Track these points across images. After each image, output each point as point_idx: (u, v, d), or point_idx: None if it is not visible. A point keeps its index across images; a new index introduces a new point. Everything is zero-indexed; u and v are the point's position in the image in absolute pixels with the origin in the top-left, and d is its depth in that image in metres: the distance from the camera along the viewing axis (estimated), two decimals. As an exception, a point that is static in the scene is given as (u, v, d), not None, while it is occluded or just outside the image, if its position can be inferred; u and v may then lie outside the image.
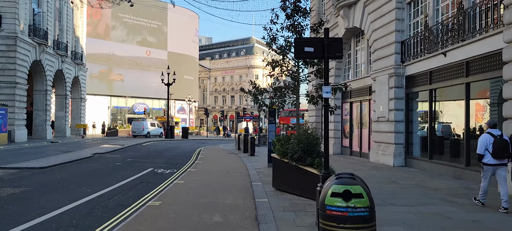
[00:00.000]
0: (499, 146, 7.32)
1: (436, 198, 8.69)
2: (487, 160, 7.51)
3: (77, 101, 40.91)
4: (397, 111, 15.16)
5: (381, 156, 15.77)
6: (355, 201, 3.68)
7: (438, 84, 13.00)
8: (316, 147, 8.83)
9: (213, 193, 9.28)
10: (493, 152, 7.39)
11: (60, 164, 14.61)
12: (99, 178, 11.64)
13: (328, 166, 6.24)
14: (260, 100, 11.62)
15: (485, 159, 7.54)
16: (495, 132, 7.56)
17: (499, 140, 7.36)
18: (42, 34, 30.52)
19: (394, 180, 11.44)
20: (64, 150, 21.31)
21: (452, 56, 11.92)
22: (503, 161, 7.45)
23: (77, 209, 7.50)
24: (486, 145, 7.49)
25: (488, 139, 7.49)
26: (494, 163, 7.46)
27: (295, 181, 8.86)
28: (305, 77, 11.33)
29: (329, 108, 6.58)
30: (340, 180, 3.88)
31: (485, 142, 7.51)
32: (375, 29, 16.51)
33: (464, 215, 7.07)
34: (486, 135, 7.59)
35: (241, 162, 16.78)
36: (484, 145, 7.53)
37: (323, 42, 6.15)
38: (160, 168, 14.19)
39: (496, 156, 7.38)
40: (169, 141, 35.58)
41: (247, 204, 8.13)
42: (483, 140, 7.57)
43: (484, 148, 7.52)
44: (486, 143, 7.51)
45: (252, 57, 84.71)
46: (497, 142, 7.34)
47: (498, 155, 7.36)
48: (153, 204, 7.79)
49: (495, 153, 7.38)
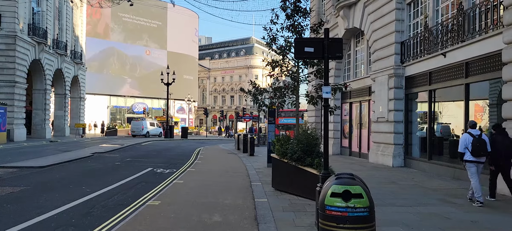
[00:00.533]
0: (477, 145, 7.84)
1: (435, 198, 8.69)
2: (467, 157, 8.02)
3: (77, 101, 40.89)
4: (397, 112, 15.17)
5: (381, 156, 15.78)
6: (354, 201, 3.69)
7: (438, 85, 13.01)
8: (315, 147, 8.84)
9: (213, 193, 9.28)
10: (472, 150, 7.89)
11: (59, 163, 14.59)
12: (98, 178, 11.63)
13: (328, 166, 6.25)
14: (260, 100, 11.63)
15: (465, 157, 8.04)
16: (474, 132, 8.04)
17: (477, 139, 7.89)
18: (41, 33, 30.50)
19: (393, 181, 11.45)
20: (63, 149, 21.29)
21: (451, 57, 11.94)
22: (481, 159, 7.96)
23: (76, 209, 7.49)
24: (466, 144, 7.99)
25: (468, 139, 7.99)
26: (474, 160, 7.95)
27: (294, 181, 8.86)
28: (305, 77, 11.33)
29: (329, 109, 6.58)
30: (340, 180, 3.88)
31: (465, 141, 8.03)
32: (375, 30, 16.52)
33: (462, 216, 7.08)
34: (466, 135, 8.10)
35: (240, 162, 16.78)
36: (464, 144, 8.03)
37: (323, 42, 6.15)
38: (159, 168, 14.19)
39: (475, 154, 7.89)
40: (169, 141, 35.57)
41: (247, 204, 8.13)
42: (463, 139, 8.08)
43: (464, 146, 8.02)
44: (466, 142, 8.01)
45: (252, 57, 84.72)
46: (475, 141, 7.87)
47: (476, 153, 7.87)
48: (152, 204, 7.78)
49: (473, 151, 7.88)
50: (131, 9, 59.90)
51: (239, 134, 26.46)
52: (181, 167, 14.66)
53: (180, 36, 67.37)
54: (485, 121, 11.21)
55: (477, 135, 7.95)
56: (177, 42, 66.64)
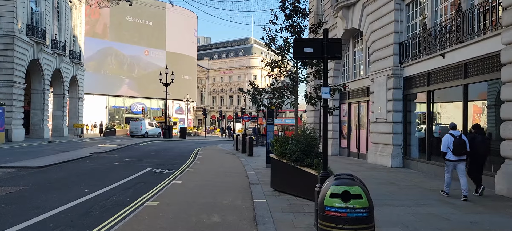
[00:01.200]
0: (458, 145, 8.52)
1: (434, 199, 8.70)
2: (448, 156, 8.71)
3: (75, 101, 40.82)
4: (395, 112, 15.18)
5: (379, 157, 15.78)
6: (354, 202, 3.68)
7: (436, 86, 13.03)
8: (314, 147, 8.85)
9: (211, 193, 9.27)
10: (453, 149, 8.57)
11: (58, 163, 14.55)
12: (97, 178, 11.60)
13: (327, 166, 6.24)
14: (259, 100, 11.62)
15: (447, 156, 8.73)
16: (455, 133, 8.79)
17: (458, 140, 8.57)
18: (40, 33, 30.45)
19: (392, 181, 11.46)
20: (62, 149, 21.25)
21: (450, 58, 11.95)
22: (462, 157, 8.63)
23: (74, 209, 7.47)
24: (448, 144, 8.68)
25: (449, 139, 8.66)
26: (454, 159, 8.66)
27: (293, 181, 8.86)
28: (304, 78, 11.33)
29: (328, 109, 6.58)
30: (339, 181, 3.88)
31: (447, 141, 8.70)
32: (374, 31, 16.53)
33: (461, 216, 7.09)
34: (448, 135, 8.75)
35: (239, 162, 16.77)
36: (446, 144, 8.72)
37: (322, 43, 6.15)
38: (158, 168, 14.16)
39: (456, 153, 8.57)
40: (167, 141, 35.53)
41: (246, 204, 8.12)
42: (445, 139, 8.75)
43: (446, 146, 8.71)
44: (448, 142, 8.69)
45: (251, 57, 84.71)
46: (456, 141, 8.54)
47: (457, 152, 8.55)
48: (151, 204, 7.77)
49: (454, 151, 8.56)
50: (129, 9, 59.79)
51: (237, 134, 26.47)
52: (179, 168, 14.64)
53: (179, 37, 67.33)
54: (483, 122, 11.22)
55: (458, 136, 8.65)
56: (175, 42, 66.60)
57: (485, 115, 11.17)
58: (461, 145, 8.52)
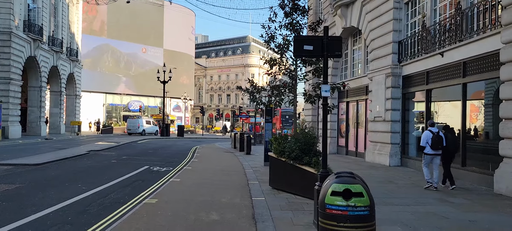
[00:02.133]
0: (435, 140, 9.44)
1: (433, 197, 8.70)
2: (427, 150, 9.63)
3: (72, 98, 40.67)
4: (394, 111, 15.18)
5: (377, 155, 15.79)
6: (355, 200, 3.65)
7: (435, 85, 13.03)
8: (313, 146, 8.81)
9: (210, 191, 9.23)
10: (431, 144, 9.48)
11: (55, 161, 14.47)
12: (94, 176, 11.54)
13: (326, 165, 6.21)
14: (258, 98, 11.58)
15: (425, 150, 9.65)
16: (434, 129, 9.66)
17: (436, 136, 9.48)
18: (37, 30, 30.28)
19: (391, 180, 11.45)
20: (59, 147, 21.15)
21: (449, 57, 11.95)
22: (438, 152, 9.55)
23: (72, 207, 7.42)
24: (427, 139, 9.58)
25: (428, 135, 9.59)
26: (431, 153, 9.58)
27: (292, 180, 8.83)
28: (303, 76, 11.30)
29: (327, 108, 6.54)
30: (340, 179, 3.85)
31: (426, 137, 9.63)
32: (373, 29, 16.51)
33: (460, 215, 7.08)
34: (427, 132, 9.71)
35: (237, 161, 16.74)
36: (425, 139, 9.65)
37: (323, 40, 6.11)
38: (156, 166, 14.11)
39: (433, 148, 9.49)
40: (165, 139, 35.46)
41: (244, 202, 8.09)
42: (425, 135, 9.71)
43: (425, 141, 9.62)
44: (427, 138, 9.61)
45: (249, 55, 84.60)
46: (434, 137, 9.45)
47: (435, 147, 9.47)
48: (149, 202, 7.73)
49: (432, 145, 9.48)
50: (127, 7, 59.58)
51: (235, 132, 26.44)
52: (177, 165, 14.59)
53: (177, 34, 67.10)
54: (481, 121, 11.23)
55: (435, 132, 9.57)
56: (173, 40, 66.36)
57: (482, 114, 11.16)
58: (438, 140, 9.44)
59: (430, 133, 9.60)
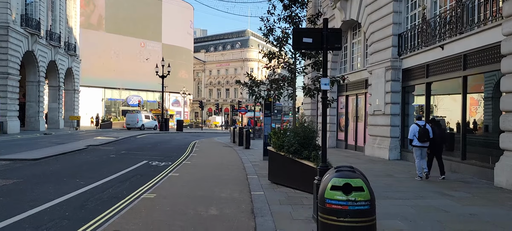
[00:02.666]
0: (422, 133, 9.94)
1: (433, 191, 8.65)
2: (415, 143, 10.14)
3: (71, 93, 40.53)
4: (393, 104, 15.11)
5: (377, 149, 15.74)
6: (355, 194, 3.59)
7: (435, 78, 12.95)
8: (312, 140, 8.76)
9: (209, 186, 9.18)
10: (419, 137, 10.00)
11: (53, 155, 14.40)
12: (92, 170, 11.48)
13: (326, 159, 6.15)
14: (257, 92, 11.49)
15: (413, 142, 10.17)
16: (421, 122, 10.23)
17: (423, 129, 10.01)
18: (34, 24, 30.09)
19: (390, 173, 11.41)
20: (57, 141, 21.08)
21: (449, 49, 11.86)
22: (425, 144, 10.06)
23: (70, 202, 7.36)
24: (414, 132, 10.11)
25: (415, 128, 10.12)
26: (419, 145, 10.08)
27: (291, 174, 8.78)
28: (302, 69, 11.19)
29: (327, 101, 6.47)
30: (340, 173, 3.78)
31: (414, 130, 10.17)
32: (372, 22, 16.40)
33: (461, 209, 7.03)
34: (414, 125, 10.24)
35: (236, 155, 16.68)
36: (413, 132, 10.19)
37: (322, 33, 6.02)
38: (154, 161, 14.06)
39: (421, 140, 10.01)
40: (164, 134, 35.40)
41: (243, 197, 8.03)
42: (412, 129, 10.25)
43: (413, 134, 10.15)
44: (414, 131, 10.14)
45: (247, 50, 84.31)
46: (421, 130, 9.97)
47: (422, 139, 9.99)
48: (148, 197, 7.66)
49: (419, 138, 9.99)
50: (125, 0, 59.39)
51: (234, 127, 26.38)
52: (176, 160, 14.54)
53: (175, 29, 66.83)
54: (481, 114, 11.17)
55: (422, 125, 10.11)
56: (172, 34, 66.09)
57: (482, 108, 11.09)
58: (425, 133, 9.96)
59: (417, 126, 10.14)
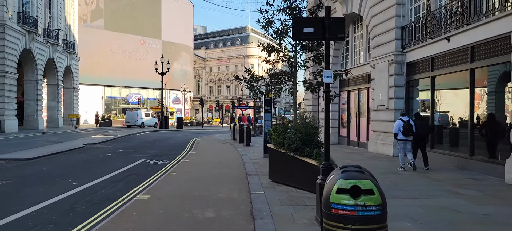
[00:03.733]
0: (406, 128, 10.63)
1: (442, 189, 8.24)
2: (400, 137, 10.82)
3: (70, 91, 40.15)
4: (397, 99, 14.69)
5: (380, 145, 15.32)
6: (365, 198, 3.18)
7: (441, 71, 12.50)
8: (314, 136, 8.37)
9: (206, 185, 8.78)
10: (403, 132, 10.69)
11: (48, 155, 14.01)
12: (87, 170, 11.09)
13: (329, 157, 5.74)
14: (256, 87, 11.05)
15: (398, 137, 10.86)
16: (405, 118, 10.87)
17: (406, 124, 10.68)
18: (31, 21, 29.68)
19: (395, 171, 10.99)
20: (55, 140, 20.71)
21: (456, 41, 11.41)
22: (409, 138, 10.77)
23: (58, 204, 6.97)
24: (399, 127, 10.81)
25: (400, 123, 10.82)
26: (404, 139, 10.79)
27: (292, 172, 8.39)
28: (303, 63, 10.74)
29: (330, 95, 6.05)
30: (347, 174, 3.38)
31: (398, 125, 10.87)
32: (375, 15, 15.95)
33: (473, 208, 6.62)
34: (399, 120, 10.95)
35: (236, 153, 16.29)
36: (397, 127, 10.89)
37: (324, 22, 5.61)
38: (152, 159, 13.67)
39: (405, 134, 10.70)
40: (164, 131, 35.02)
41: (242, 197, 7.64)
42: (397, 124, 10.97)
43: (398, 129, 10.85)
44: (399, 126, 10.84)
45: (248, 46, 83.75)
46: (405, 125, 10.66)
47: (406, 134, 10.68)
48: (141, 198, 7.26)
49: (404, 132, 10.68)
50: (124, -2, 58.85)
51: (235, 124, 26.00)
52: (174, 158, 14.15)
53: (175, 26, 66.26)
54: (490, 108, 10.75)
55: (406, 120, 10.77)
56: (172, 31, 65.52)
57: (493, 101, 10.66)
58: (409, 128, 10.65)
59: (402, 121, 10.81)
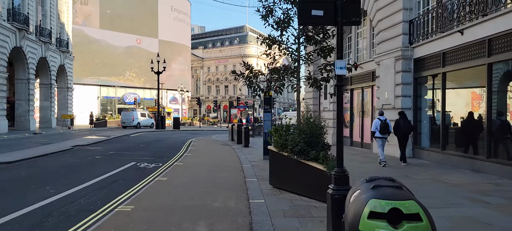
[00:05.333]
0: (383, 126, 11.58)
1: (463, 196, 7.37)
2: (377, 135, 11.74)
3: (64, 91, 39.11)
4: (404, 97, 13.83)
5: (387, 146, 14.38)
6: (410, 227, 2.29)
7: (453, 67, 11.63)
8: (320, 137, 7.53)
9: (200, 192, 7.88)
10: (380, 130, 11.62)
11: (31, 158, 13.04)
12: (70, 175, 10.15)
13: (342, 162, 4.87)
14: (255, 84, 10.13)
15: (376, 134, 11.77)
16: (382, 117, 11.79)
17: (383, 123, 11.62)
18: (22, 18, 28.66)
19: (406, 174, 10.12)
20: (44, 141, 19.75)
21: (470, 34, 10.55)
22: (385, 136, 11.76)
23: (27, 217, 6.05)
24: (376, 126, 11.70)
25: (378, 122, 11.71)
26: (381, 136, 11.71)
27: (296, 178, 7.53)
28: (308, 56, 9.81)
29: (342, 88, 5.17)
30: (381, 191, 2.48)
31: (376, 124, 11.76)
32: (380, 8, 15.09)
33: (506, 220, 5.76)
34: (377, 120, 11.85)
35: (234, 154, 15.41)
36: (375, 126, 11.79)
37: (336, 2, 4.74)
38: (144, 162, 12.75)
39: (382, 133, 11.65)
40: (160, 132, 34.08)
41: (240, 206, 6.76)
42: (375, 122, 11.85)
43: (375, 127, 11.75)
44: (377, 124, 11.72)
45: (246, 46, 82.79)
46: (382, 124, 11.60)
47: (383, 132, 11.65)
48: (123, 210, 6.35)
49: (381, 131, 11.62)
50: (120, -4, 57.79)
51: (233, 124, 25.12)
52: (168, 161, 13.24)
53: (172, 24, 65.26)
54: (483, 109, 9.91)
55: (383, 120, 11.69)
56: (169, 30, 64.47)
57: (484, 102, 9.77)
58: (386, 127, 11.57)
59: (379, 120, 11.67)
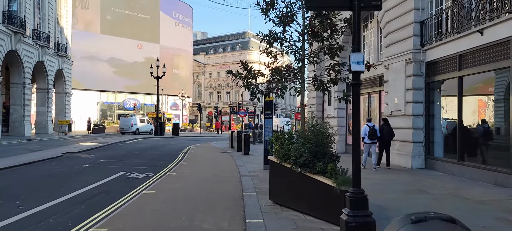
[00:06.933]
0: (371, 133, 12.11)
1: (491, 216, 6.37)
2: (366, 140, 12.14)
3: (62, 96, 38.27)
4: (416, 104, 12.86)
5: (396, 156, 13.44)
6: None
7: (472, 70, 10.65)
8: (327, 147, 6.61)
9: (189, 210, 6.89)
10: (369, 136, 12.12)
11: (13, 166, 12.05)
12: (48, 187, 9.16)
13: (359, 181, 3.90)
14: (253, 85, 9.18)
15: (365, 140, 12.10)
16: (370, 124, 12.37)
17: (372, 129, 12.19)
18: (18, 22, 27.90)
19: (420, 188, 9.15)
20: (34, 148, 18.82)
21: (491, 34, 9.59)
22: (373, 141, 12.23)
23: (-21, 242, 5.12)
24: (365, 132, 12.10)
25: (366, 128, 12.20)
26: (369, 142, 12.22)
27: (300, 193, 6.57)
28: (314, 54, 8.84)
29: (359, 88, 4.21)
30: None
31: (365, 130, 12.14)
32: (389, 9, 14.14)
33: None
34: (365, 126, 12.31)
35: (232, 163, 14.44)
36: (364, 131, 12.08)
37: (351, -18, 3.80)
38: (134, 171, 11.79)
39: (370, 138, 12.16)
40: (158, 138, 33.17)
41: (234, 228, 5.78)
42: (364, 129, 12.11)
43: (364, 133, 12.06)
44: (365, 131, 12.12)
45: (248, 52, 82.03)
46: (371, 130, 12.15)
47: (371, 138, 12.15)
48: (96, 232, 5.39)
49: (369, 136, 12.13)
50: (121, 1, 57.24)
51: (232, 131, 24.19)
52: (161, 170, 12.27)
53: (174, 30, 64.64)
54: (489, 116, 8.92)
55: (371, 126, 12.28)
56: (170, 36, 63.80)
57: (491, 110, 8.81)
58: (374, 133, 12.15)
59: (368, 126, 12.23)
